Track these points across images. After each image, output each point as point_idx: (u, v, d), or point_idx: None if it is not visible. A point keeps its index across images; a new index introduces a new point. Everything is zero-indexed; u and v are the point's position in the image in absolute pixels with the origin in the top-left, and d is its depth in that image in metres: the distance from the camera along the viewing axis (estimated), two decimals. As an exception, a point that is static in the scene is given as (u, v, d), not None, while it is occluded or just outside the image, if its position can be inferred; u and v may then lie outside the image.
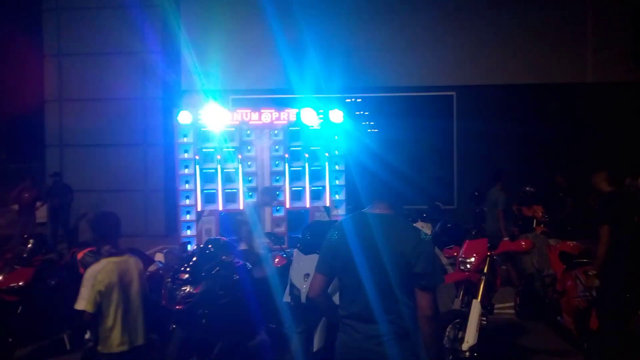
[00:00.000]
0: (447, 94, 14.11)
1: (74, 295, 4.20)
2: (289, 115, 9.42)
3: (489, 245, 5.93)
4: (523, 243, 6.30)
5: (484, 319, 5.32)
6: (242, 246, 7.02)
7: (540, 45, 13.45)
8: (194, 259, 5.40)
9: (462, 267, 5.75)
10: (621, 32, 13.47)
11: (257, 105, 9.94)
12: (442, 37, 13.63)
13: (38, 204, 11.87)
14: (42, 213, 12.13)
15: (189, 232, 9.28)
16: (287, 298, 5.14)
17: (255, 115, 9.39)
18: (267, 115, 9.39)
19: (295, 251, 5.46)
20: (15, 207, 11.87)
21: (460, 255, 5.87)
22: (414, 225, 3.05)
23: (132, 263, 4.15)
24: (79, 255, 6.30)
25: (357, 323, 2.96)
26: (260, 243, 6.97)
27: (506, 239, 7.19)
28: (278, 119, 9.40)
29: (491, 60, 13.59)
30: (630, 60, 13.44)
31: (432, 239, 3.04)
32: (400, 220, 3.02)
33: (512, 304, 7.50)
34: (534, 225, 8.67)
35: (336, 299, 3.21)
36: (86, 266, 5.89)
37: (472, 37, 13.53)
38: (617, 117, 12.88)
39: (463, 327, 5.22)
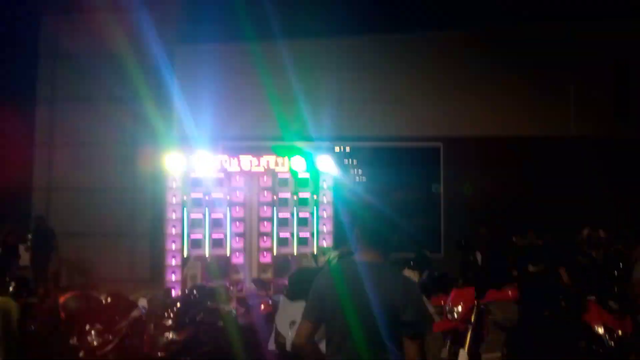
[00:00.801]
0: (433, 145, 14.31)
1: (54, 340, 4.13)
2: (278, 162, 9.52)
3: (476, 294, 5.92)
4: (510, 292, 6.29)
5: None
6: None
7: (525, 100, 13.73)
8: (178, 305, 5.35)
9: (449, 316, 5.73)
10: (604, 89, 13.83)
11: (246, 151, 10.03)
12: (430, 89, 13.90)
13: (22, 247, 11.73)
14: (25, 256, 11.97)
15: (174, 278, 9.19)
16: (272, 346, 5.08)
17: (244, 162, 9.48)
18: (256, 162, 9.48)
19: (282, 298, 5.43)
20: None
21: (447, 304, 5.86)
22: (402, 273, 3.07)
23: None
24: (61, 300, 6.20)
25: None
26: None
27: None
28: (267, 165, 9.49)
29: (477, 113, 13.85)
30: (612, 117, 13.76)
31: (419, 287, 3.07)
32: (389, 268, 3.03)
33: (500, 354, 7.42)
34: None
35: (322, 346, 3.18)
36: (68, 310, 5.82)
37: (458, 91, 13.81)
38: (599, 171, 13.06)
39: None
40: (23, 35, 13.99)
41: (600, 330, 5.45)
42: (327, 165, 9.62)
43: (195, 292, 5.60)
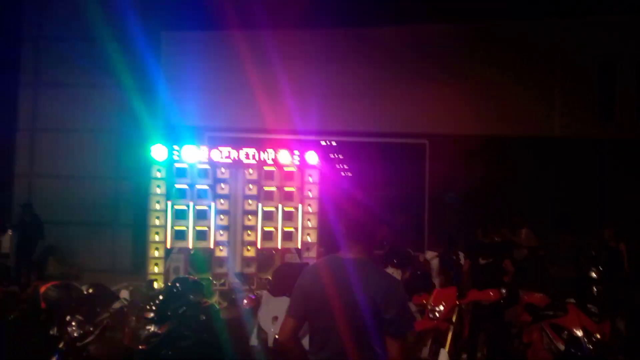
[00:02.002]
0: (419, 141, 14.35)
1: (34, 330, 4.08)
2: (264, 155, 9.49)
3: (457, 294, 5.97)
4: (491, 293, 6.35)
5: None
6: None
7: (511, 99, 13.81)
8: (160, 297, 5.31)
9: (430, 316, 5.76)
10: (587, 90, 13.95)
11: (232, 143, 9.97)
12: (416, 86, 13.89)
13: (3, 235, 11.60)
14: (6, 244, 11.83)
15: (156, 269, 9.14)
16: (254, 341, 5.07)
17: (230, 154, 9.43)
18: (242, 154, 9.45)
19: (265, 293, 5.42)
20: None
21: (429, 303, 5.89)
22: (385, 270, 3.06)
23: None
24: (42, 289, 6.12)
25: None
26: None
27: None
28: (253, 158, 9.45)
29: (464, 111, 13.86)
30: (597, 118, 13.88)
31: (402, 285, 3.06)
32: (372, 265, 3.02)
33: (480, 354, 7.49)
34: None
35: (305, 343, 3.17)
36: (48, 300, 5.76)
37: (445, 88, 13.81)
38: (583, 171, 13.21)
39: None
40: (4, 19, 13.74)
41: (579, 333, 5.51)
42: (313, 160, 9.61)
43: (178, 284, 5.54)
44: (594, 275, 8.77)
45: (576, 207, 12.53)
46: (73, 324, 4.94)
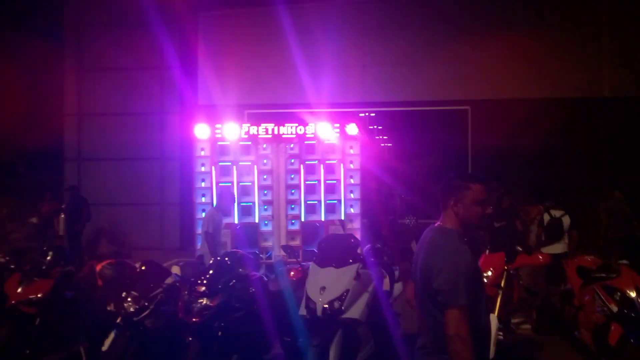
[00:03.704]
0: (461, 108, 14.09)
1: (91, 307, 4.23)
2: (304, 129, 9.50)
3: (505, 259, 5.91)
4: (540, 257, 6.26)
5: (501, 333, 5.28)
6: None
7: (556, 60, 13.39)
8: (211, 271, 5.43)
9: (478, 282, 5.73)
10: (636, 48, 13.38)
11: (273, 119, 10.03)
12: (456, 51, 13.61)
13: (61, 216, 12.04)
14: (60, 225, 12.27)
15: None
16: (302, 311, 5.15)
17: (271, 129, 9.48)
18: (283, 129, 9.48)
19: (312, 264, 5.47)
20: (34, 220, 12.02)
21: (477, 269, 5.85)
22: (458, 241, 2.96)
23: None
24: (98, 267, 6.35)
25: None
26: None
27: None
28: (294, 132, 9.48)
29: (506, 74, 13.55)
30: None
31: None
32: (446, 234, 2.95)
33: (530, 318, 7.43)
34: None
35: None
36: (104, 278, 5.98)
37: (486, 52, 13.50)
38: (634, 132, 12.77)
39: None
40: (49, 5, 14.02)
41: (633, 295, 5.39)
42: (354, 131, 9.57)
43: (227, 259, 5.67)
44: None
45: (627, 168, 12.15)
46: (129, 299, 5.11)
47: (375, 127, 14.67)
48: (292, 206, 9.58)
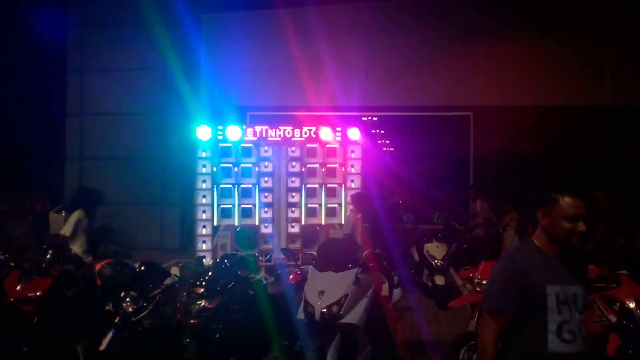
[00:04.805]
0: (464, 114, 14.10)
1: (90, 306, 4.22)
2: (306, 132, 9.49)
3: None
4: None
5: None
6: None
7: (558, 67, 13.40)
8: (210, 273, 5.43)
9: (478, 289, 5.71)
10: (639, 57, 13.37)
11: (274, 121, 10.03)
12: (459, 57, 13.64)
13: (58, 215, 11.98)
14: (59, 224, 12.22)
15: (204, 247, 9.34)
16: (301, 315, 5.13)
17: (272, 132, 9.48)
18: (285, 132, 9.47)
19: (311, 268, 5.46)
20: (30, 218, 11.98)
21: (476, 276, 5.84)
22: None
23: None
24: (97, 267, 6.34)
25: None
26: None
27: None
28: (295, 135, 9.47)
29: (509, 81, 13.56)
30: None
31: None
32: (519, 244, 3.10)
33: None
34: None
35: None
36: (104, 278, 5.97)
37: (489, 58, 13.52)
38: (636, 141, 12.77)
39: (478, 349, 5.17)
40: (51, 6, 14.05)
41: (632, 305, 5.37)
42: (355, 135, 9.56)
43: (226, 260, 5.67)
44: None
45: (627, 176, 12.15)
46: (127, 299, 5.12)
47: (377, 131, 14.68)
48: (293, 209, 9.57)
